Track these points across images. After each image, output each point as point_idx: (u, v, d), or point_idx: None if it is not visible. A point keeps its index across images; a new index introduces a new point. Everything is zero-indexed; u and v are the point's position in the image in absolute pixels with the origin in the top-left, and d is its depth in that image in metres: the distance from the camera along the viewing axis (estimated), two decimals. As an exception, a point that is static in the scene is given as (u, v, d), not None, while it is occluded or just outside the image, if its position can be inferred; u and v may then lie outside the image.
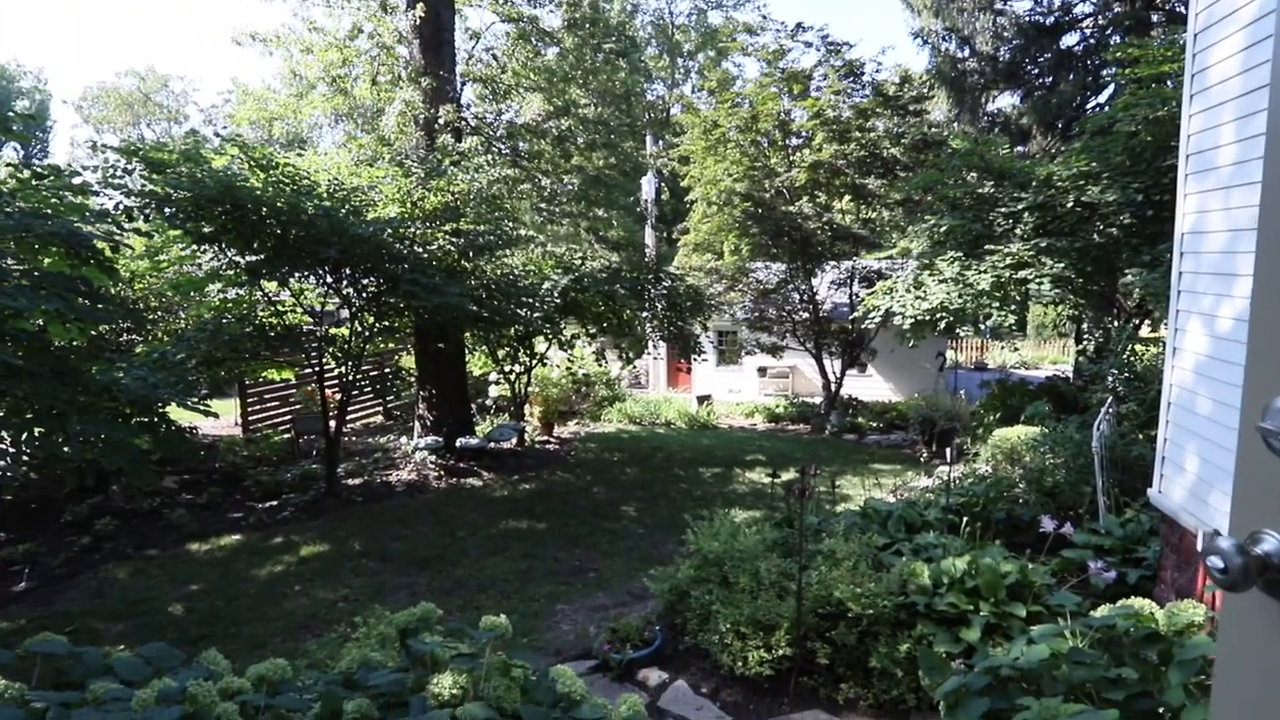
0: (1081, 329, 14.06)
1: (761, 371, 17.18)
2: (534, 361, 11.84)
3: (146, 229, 7.41)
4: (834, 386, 14.09)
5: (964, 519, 5.50)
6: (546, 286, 9.80)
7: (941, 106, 17.67)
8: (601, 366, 14.21)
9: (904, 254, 13.37)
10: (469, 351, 12.12)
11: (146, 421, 5.38)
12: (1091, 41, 16.17)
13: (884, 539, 5.10)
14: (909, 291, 10.20)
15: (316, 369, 8.73)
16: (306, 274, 8.41)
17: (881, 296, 10.82)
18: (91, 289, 5.07)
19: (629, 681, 4.13)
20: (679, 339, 12.23)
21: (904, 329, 10.14)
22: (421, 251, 8.57)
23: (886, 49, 19.93)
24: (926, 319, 9.71)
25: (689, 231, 16.29)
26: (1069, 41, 16.51)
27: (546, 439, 12.41)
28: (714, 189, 13.91)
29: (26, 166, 5.55)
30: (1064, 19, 16.28)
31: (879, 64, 13.41)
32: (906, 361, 15.22)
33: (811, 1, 43.74)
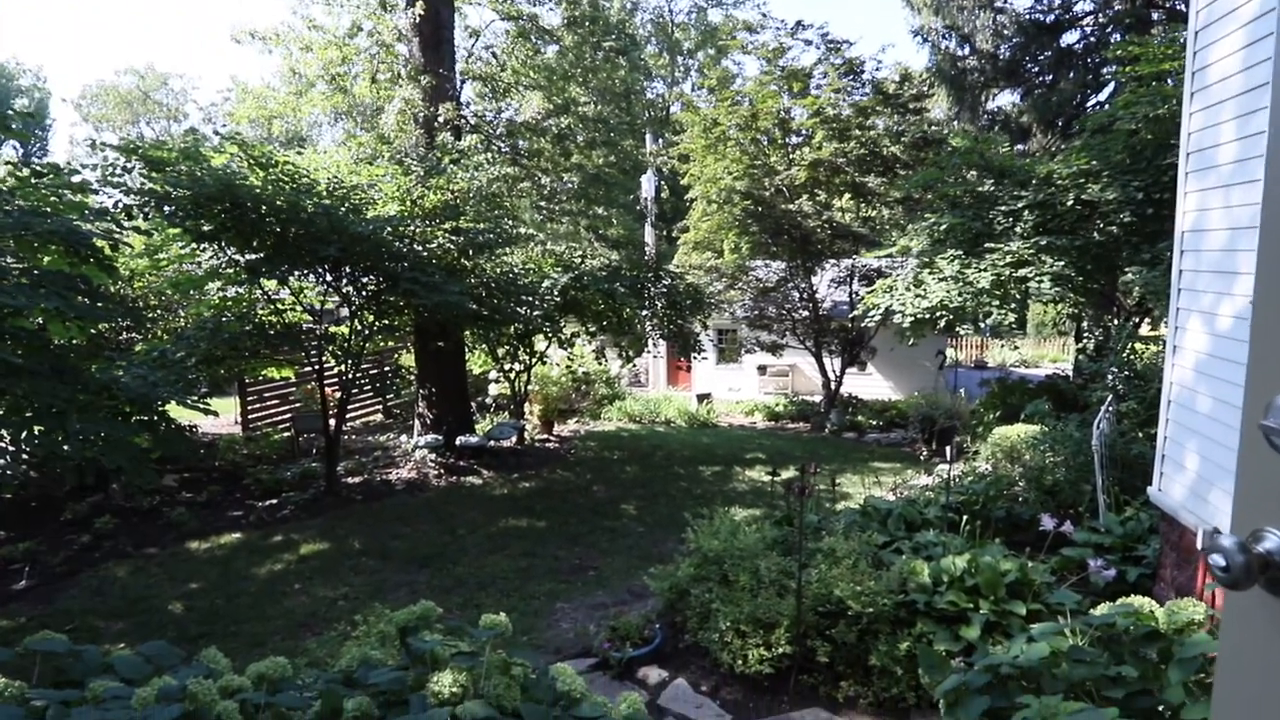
0: (1081, 327, 14.07)
1: (761, 370, 17.19)
2: (534, 360, 11.84)
3: (146, 227, 7.41)
4: (834, 385, 14.09)
5: (964, 517, 5.50)
6: (546, 285, 9.80)
7: (941, 105, 17.66)
8: (601, 365, 14.21)
9: (904, 252, 13.37)
10: (469, 350, 12.12)
11: (146, 420, 5.38)
12: (1092, 39, 16.16)
13: (884, 537, 5.10)
14: (909, 290, 10.20)
15: (316, 367, 8.73)
16: (306, 272, 8.41)
17: (881, 295, 10.82)
18: (91, 287, 5.07)
19: (629, 680, 4.14)
20: (679, 337, 12.24)
21: (904, 327, 10.13)
22: (421, 250, 8.57)
23: (886, 47, 20.08)
24: (926, 317, 9.71)
25: (689, 230, 16.28)
26: (1069, 39, 16.52)
27: (546, 437, 12.42)
28: (714, 187, 13.90)
29: (26, 165, 5.55)
30: (1064, 17, 16.27)
31: (879, 62, 13.44)
32: (906, 360, 15.22)
33: (811, -1, 43.68)
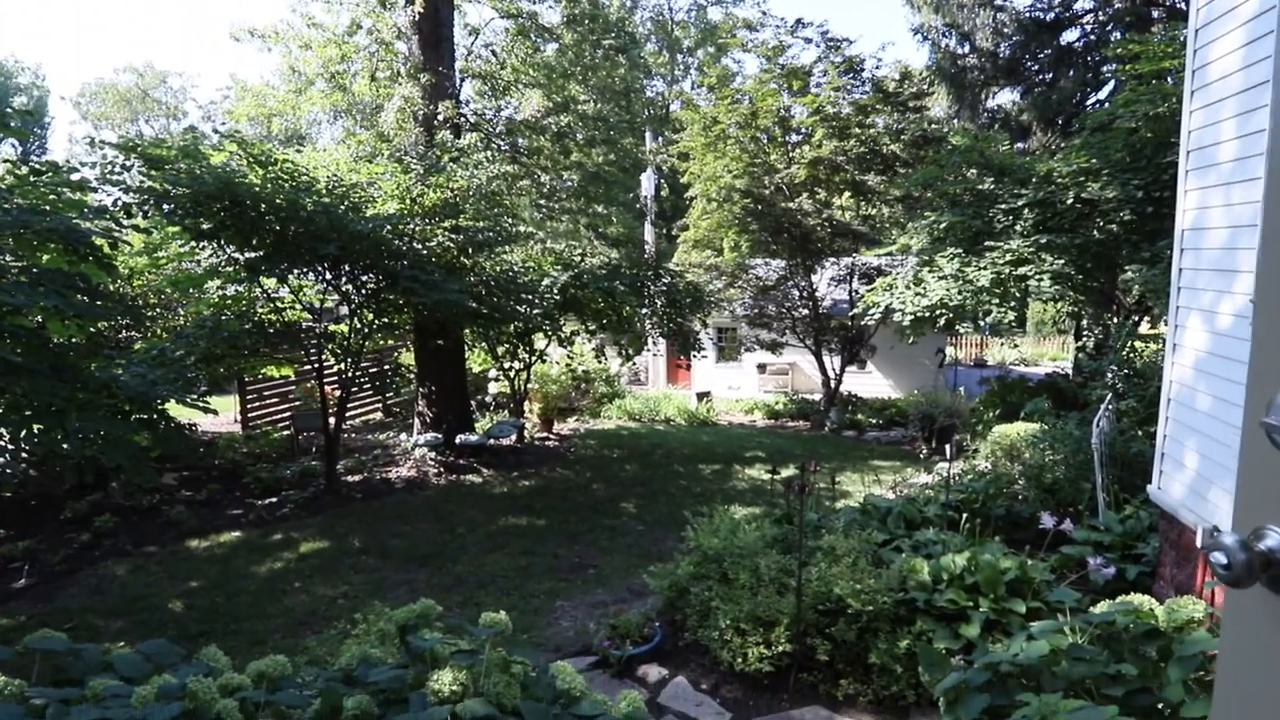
0: (1081, 326, 14.08)
1: (761, 368, 17.19)
2: (533, 358, 11.84)
3: (145, 225, 7.40)
4: (833, 383, 14.09)
5: (963, 515, 5.51)
6: (546, 283, 9.79)
7: (941, 103, 17.65)
8: (601, 363, 14.20)
9: (904, 250, 13.36)
10: (468, 348, 12.12)
11: (146, 418, 5.38)
12: (1092, 38, 16.14)
13: (883, 535, 5.10)
14: (909, 288, 10.19)
15: (316, 366, 8.72)
16: (306, 271, 8.40)
17: (881, 293, 10.82)
18: (90, 286, 5.06)
19: (629, 678, 4.14)
20: (678, 335, 12.24)
21: (903, 325, 10.14)
22: (421, 248, 8.56)
23: (886, 45, 20.03)
24: (926, 315, 9.71)
25: (688, 228, 16.28)
26: (1069, 38, 16.51)
27: (546, 436, 12.41)
28: (713, 185, 13.89)
29: (25, 163, 5.55)
30: (1064, 15, 16.25)
31: (879, 60, 13.40)
32: (906, 358, 15.23)
33: (811, -3, 43.62)
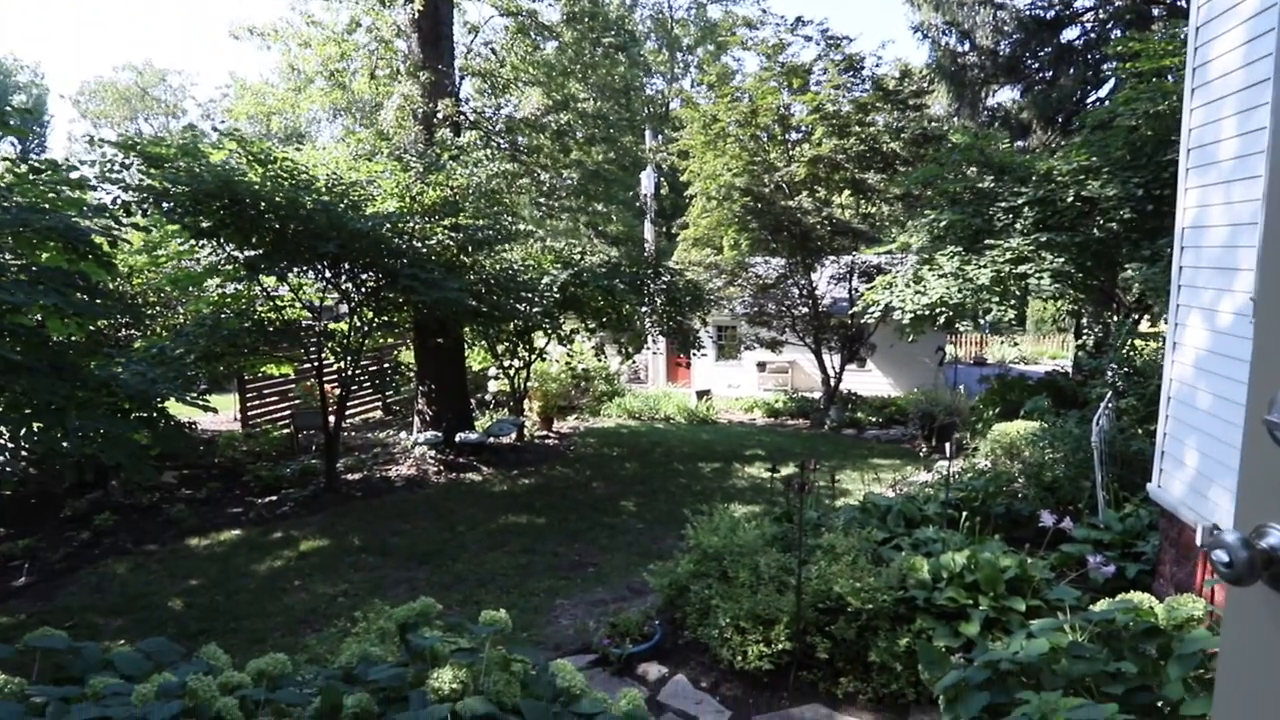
0: (1081, 324, 14.06)
1: (761, 366, 17.19)
2: (533, 356, 11.84)
3: (144, 224, 7.38)
4: (833, 381, 14.09)
5: (963, 514, 5.51)
6: (546, 281, 9.79)
7: (941, 101, 17.62)
8: (601, 361, 14.20)
9: (903, 249, 13.36)
10: (468, 346, 12.11)
11: (145, 417, 5.37)
12: (1092, 35, 16.11)
13: (883, 534, 5.10)
14: (908, 286, 10.18)
15: (315, 364, 8.72)
16: (305, 269, 8.39)
17: (881, 291, 10.81)
18: (89, 284, 5.06)
19: (629, 676, 4.14)
20: (678, 334, 12.24)
21: (903, 324, 10.12)
22: (420, 246, 8.55)
23: (886, 43, 20.06)
24: (926, 314, 9.70)
25: (688, 226, 16.26)
26: (1069, 35, 16.46)
27: (546, 434, 12.41)
28: (713, 184, 13.88)
29: (24, 161, 5.54)
30: (1064, 13, 16.22)
31: (879, 58, 13.31)
32: (906, 356, 15.23)
33: (811, -5, 43.57)
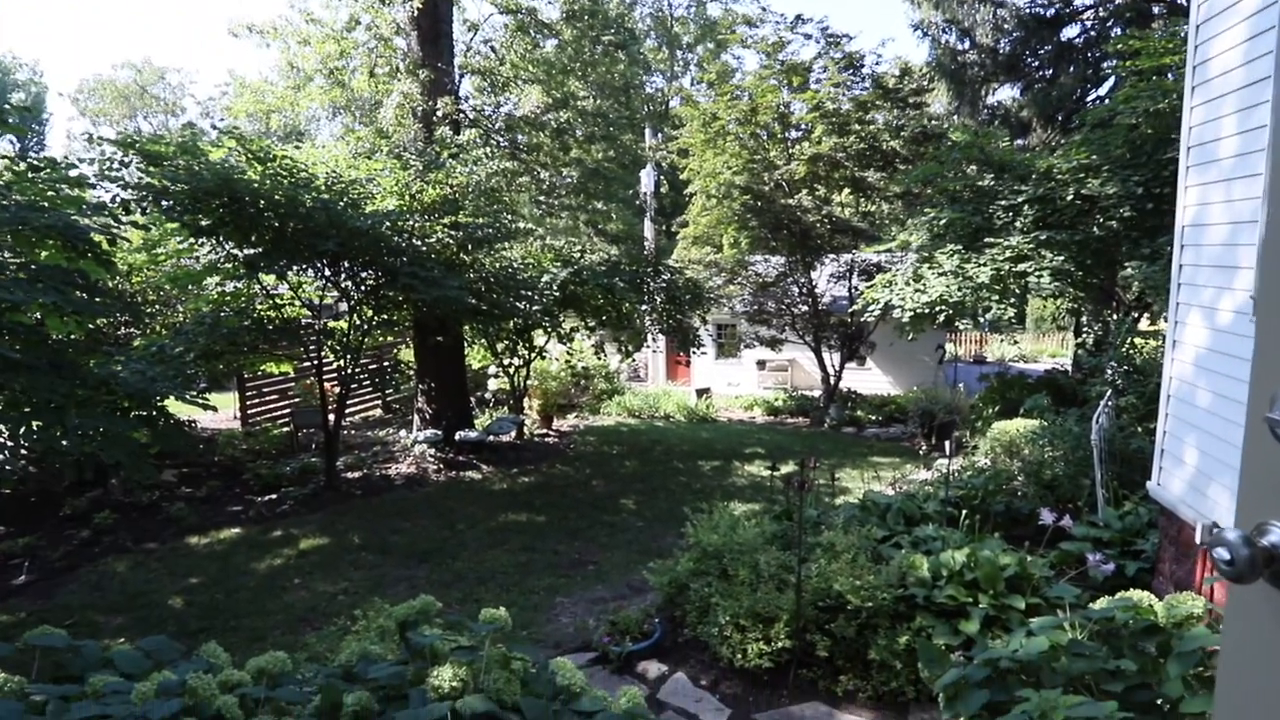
0: (1080, 322, 14.05)
1: (760, 365, 17.19)
2: (533, 355, 11.83)
3: (144, 222, 7.37)
4: (833, 379, 14.09)
5: (963, 512, 5.51)
6: (545, 279, 9.78)
7: (941, 99, 17.60)
8: (600, 360, 14.20)
9: (903, 247, 13.34)
10: (468, 345, 12.11)
11: (145, 415, 5.38)
12: (1092, 34, 16.09)
13: (883, 531, 5.10)
14: (908, 284, 10.17)
15: (315, 362, 8.71)
16: (305, 267, 8.38)
17: (881, 289, 10.80)
18: (89, 282, 5.05)
19: (628, 674, 4.14)
20: (678, 332, 12.24)
21: (903, 322, 10.11)
22: (420, 244, 8.55)
23: (886, 41, 19.86)
24: (926, 312, 9.69)
25: (688, 224, 16.25)
26: (1069, 34, 16.43)
27: (545, 432, 12.41)
28: (713, 182, 13.87)
29: (23, 159, 5.53)
30: (1064, 11, 16.19)
31: (879, 56, 13.40)
32: (905, 355, 15.22)
33: (811, -7, 43.50)
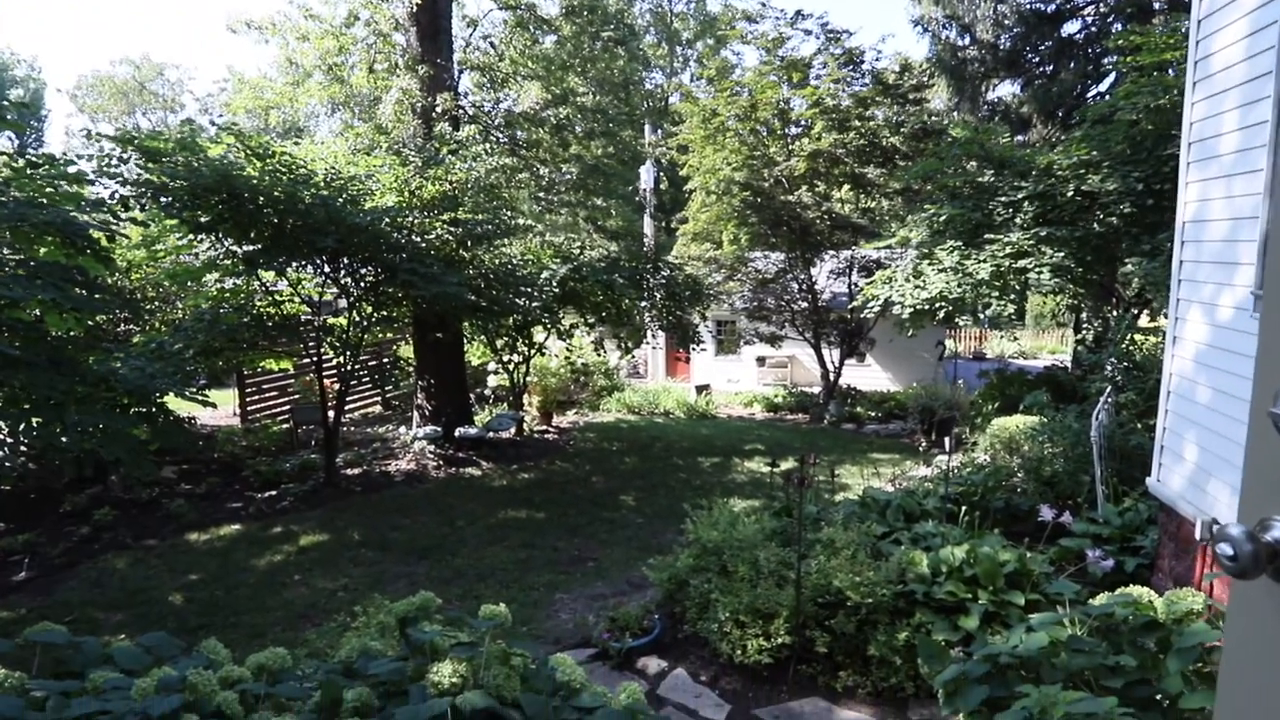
0: (1080, 318, 14.04)
1: (760, 361, 17.18)
2: (532, 351, 11.82)
3: (143, 218, 7.35)
4: (833, 376, 14.09)
5: (962, 508, 5.51)
6: (545, 276, 9.77)
7: (941, 95, 17.57)
8: (600, 356, 14.18)
9: (903, 243, 13.33)
10: (467, 341, 12.10)
11: (144, 412, 5.37)
12: (1093, 29, 16.05)
13: (883, 528, 5.10)
14: (908, 281, 10.17)
15: (315, 359, 8.70)
16: (304, 263, 8.37)
17: (880, 286, 10.79)
18: (88, 279, 5.04)
19: (628, 670, 4.15)
20: (677, 328, 12.22)
21: (903, 318, 10.11)
22: (419, 241, 8.54)
23: (886, 37, 19.91)
24: (925, 308, 9.69)
25: (688, 221, 16.24)
26: (1070, 29, 16.39)
27: (545, 428, 12.41)
28: (713, 178, 13.85)
29: (21, 155, 5.50)
30: (1065, 6, 16.16)
31: (879, 52, 13.31)
32: (905, 351, 15.22)
33: (811, -11, 43.41)
